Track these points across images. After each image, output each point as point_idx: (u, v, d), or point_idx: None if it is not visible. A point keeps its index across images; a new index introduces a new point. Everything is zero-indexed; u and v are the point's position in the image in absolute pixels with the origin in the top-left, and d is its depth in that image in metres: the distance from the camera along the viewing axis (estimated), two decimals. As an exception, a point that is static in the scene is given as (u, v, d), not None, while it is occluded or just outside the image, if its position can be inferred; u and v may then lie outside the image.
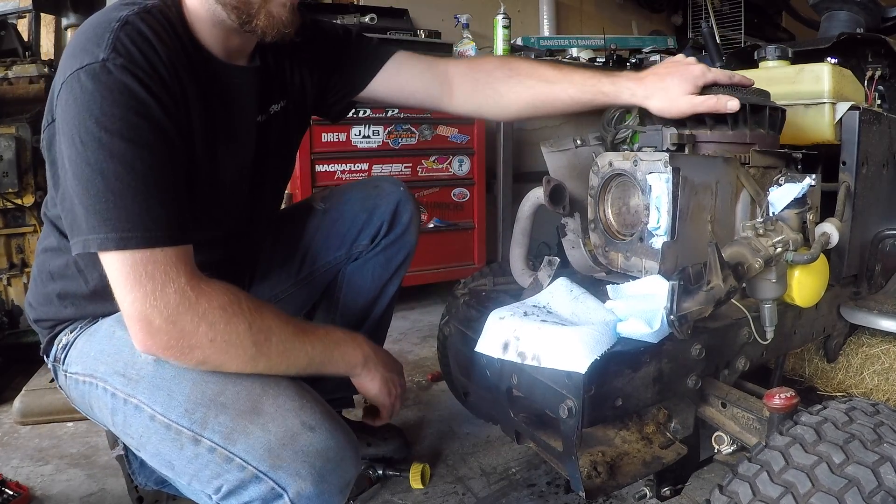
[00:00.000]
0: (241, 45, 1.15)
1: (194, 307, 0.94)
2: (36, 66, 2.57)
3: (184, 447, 0.98)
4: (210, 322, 0.94)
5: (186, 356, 0.96)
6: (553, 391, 1.08)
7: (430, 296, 3.38)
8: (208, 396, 0.99)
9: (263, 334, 0.99)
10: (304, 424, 0.97)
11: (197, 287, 0.95)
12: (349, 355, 1.16)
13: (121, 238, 0.91)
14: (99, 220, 0.91)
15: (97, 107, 0.91)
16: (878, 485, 0.81)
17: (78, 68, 0.92)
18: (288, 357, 1.03)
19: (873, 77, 1.72)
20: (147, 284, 0.92)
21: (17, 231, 2.41)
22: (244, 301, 0.99)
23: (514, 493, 1.62)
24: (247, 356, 0.98)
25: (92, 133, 0.91)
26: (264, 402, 0.98)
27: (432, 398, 2.21)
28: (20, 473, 1.73)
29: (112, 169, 0.91)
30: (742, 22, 4.47)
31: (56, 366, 1.20)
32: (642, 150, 1.29)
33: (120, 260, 0.92)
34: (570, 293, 1.22)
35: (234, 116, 1.16)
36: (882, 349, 1.73)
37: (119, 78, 0.92)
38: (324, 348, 1.11)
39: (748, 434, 1.16)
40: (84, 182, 0.92)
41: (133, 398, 1.03)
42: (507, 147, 3.27)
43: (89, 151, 0.91)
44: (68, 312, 1.19)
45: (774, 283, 1.18)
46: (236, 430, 0.96)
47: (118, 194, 0.91)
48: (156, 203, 0.94)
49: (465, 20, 3.48)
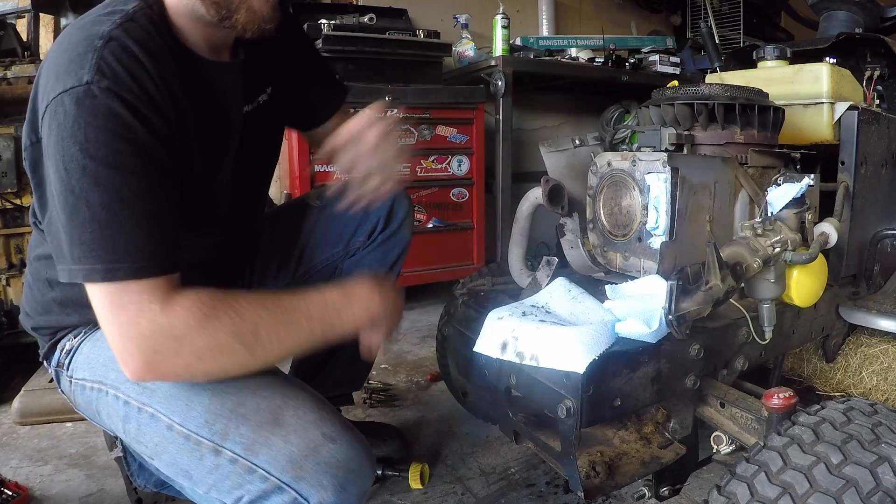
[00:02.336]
0: (222, 40, 1.13)
1: (169, 332, 0.92)
2: (35, 65, 2.56)
3: (203, 457, 0.97)
4: (190, 341, 0.93)
5: (183, 376, 0.97)
6: (551, 391, 1.08)
7: (429, 296, 3.38)
8: (228, 407, 0.99)
9: (250, 332, 0.97)
10: (325, 436, 0.97)
11: (170, 310, 0.92)
12: (349, 319, 1.10)
13: (107, 270, 0.89)
14: (84, 250, 0.89)
15: (81, 133, 0.88)
16: (876, 485, 0.81)
17: (61, 92, 0.89)
18: (284, 343, 1.01)
19: (872, 77, 1.73)
20: (122, 316, 0.91)
21: (16, 231, 2.40)
22: (220, 306, 0.96)
23: (513, 493, 1.62)
24: (242, 358, 0.97)
25: (76, 160, 0.88)
26: (285, 413, 0.99)
27: (431, 398, 2.21)
28: (19, 473, 1.73)
29: (97, 198, 0.88)
30: (741, 22, 4.47)
31: (59, 371, 1.19)
32: (641, 150, 1.29)
33: (102, 292, 0.91)
34: (569, 293, 1.22)
35: (224, 113, 1.15)
36: (881, 349, 1.73)
37: (104, 102, 0.89)
38: (321, 320, 1.06)
39: (747, 434, 1.16)
40: (69, 211, 0.89)
41: (148, 407, 1.02)
42: (505, 147, 3.27)
43: (73, 179, 0.88)
44: (71, 319, 1.17)
45: (773, 283, 1.18)
46: (258, 442, 0.96)
47: (103, 224, 0.89)
48: (143, 233, 0.92)
49: (464, 20, 3.49)
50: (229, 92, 1.16)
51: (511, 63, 3.23)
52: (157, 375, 0.95)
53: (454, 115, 3.08)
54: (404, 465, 1.66)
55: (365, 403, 2.14)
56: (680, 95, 1.33)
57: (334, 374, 1.65)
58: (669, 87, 1.40)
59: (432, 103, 3.00)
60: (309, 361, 1.66)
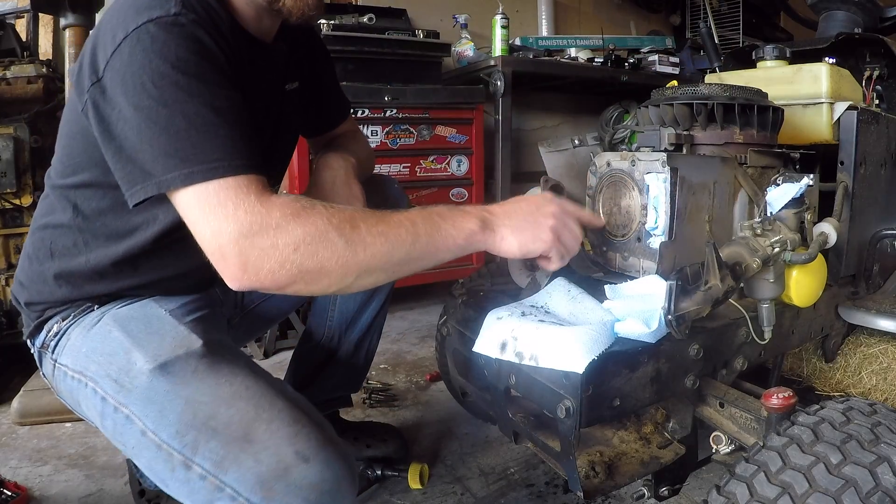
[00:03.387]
0: (270, 26, 1.20)
1: (266, 221, 0.90)
2: (34, 66, 2.56)
3: (175, 469, 0.96)
4: (286, 230, 0.91)
5: (280, 275, 0.91)
6: (551, 391, 1.08)
7: (429, 296, 3.38)
8: (200, 419, 0.96)
9: (347, 223, 0.94)
10: (297, 454, 0.93)
11: (267, 201, 0.92)
12: (459, 223, 1.04)
13: (208, 169, 0.90)
14: (180, 158, 0.91)
15: (172, 53, 0.92)
16: (876, 485, 0.81)
17: (146, 21, 0.93)
18: (388, 239, 0.96)
19: (871, 77, 1.73)
20: (219, 214, 0.90)
21: (15, 231, 2.40)
22: (317, 203, 0.95)
23: (513, 493, 1.62)
24: (340, 250, 0.93)
25: (168, 76, 0.91)
26: (258, 428, 0.95)
27: (431, 398, 2.21)
28: (18, 474, 1.73)
29: (192, 108, 0.92)
30: (740, 22, 4.47)
31: (43, 353, 1.18)
32: (640, 149, 1.29)
33: (199, 195, 0.91)
34: (568, 293, 1.22)
35: (264, 90, 1.20)
36: (880, 349, 1.73)
37: (192, 30, 0.95)
38: (426, 223, 1.01)
39: (746, 434, 1.16)
40: (161, 125, 0.91)
41: (124, 407, 1.01)
42: (505, 147, 3.27)
43: (167, 93, 0.91)
44: (62, 293, 1.16)
45: (772, 282, 1.18)
46: (227, 459, 0.93)
47: (200, 130, 0.92)
48: (238, 135, 0.95)
49: (464, 20, 3.49)
50: (270, 69, 1.23)
51: (510, 63, 3.23)
52: (253, 276, 0.91)
53: (453, 116, 3.08)
54: (403, 465, 1.66)
55: (364, 403, 2.14)
56: (679, 95, 1.33)
57: (333, 377, 1.65)
58: (669, 87, 1.40)
59: (432, 103, 2.99)
60: (306, 365, 1.66)
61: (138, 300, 1.18)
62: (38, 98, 2.47)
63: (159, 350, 1.03)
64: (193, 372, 1.01)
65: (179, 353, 1.03)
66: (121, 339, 1.06)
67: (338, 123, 1.56)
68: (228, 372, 1.02)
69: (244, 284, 0.92)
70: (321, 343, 1.62)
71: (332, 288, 0.97)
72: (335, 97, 1.54)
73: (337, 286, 0.97)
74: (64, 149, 1.14)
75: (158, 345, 1.04)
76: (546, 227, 1.10)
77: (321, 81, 1.47)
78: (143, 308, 1.15)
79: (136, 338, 1.06)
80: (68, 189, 1.14)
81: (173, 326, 1.09)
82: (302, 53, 1.37)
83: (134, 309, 1.15)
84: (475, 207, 1.09)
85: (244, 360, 1.08)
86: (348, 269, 0.94)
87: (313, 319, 1.64)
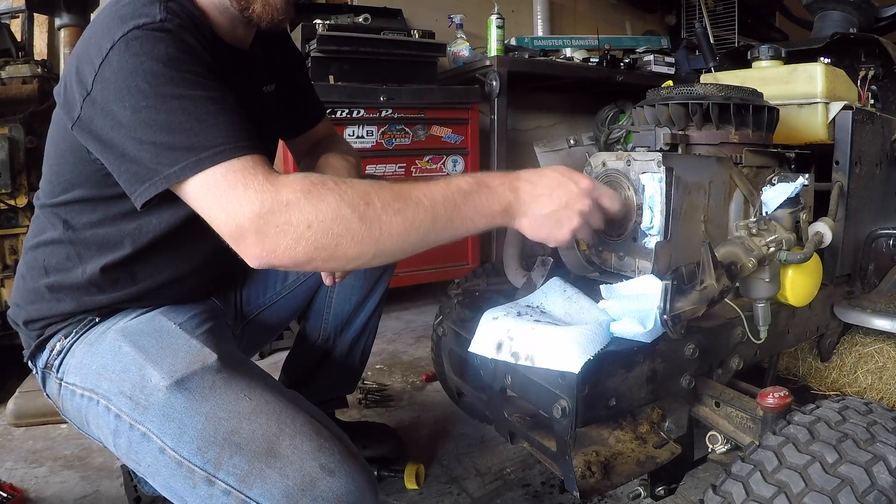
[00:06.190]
0: (244, 36, 1.22)
1: (278, 199, 0.90)
2: (29, 66, 2.56)
3: (197, 486, 0.95)
4: (299, 207, 0.90)
5: (298, 253, 0.91)
6: (547, 391, 1.08)
7: (424, 296, 3.37)
8: (222, 435, 0.96)
9: (361, 199, 0.92)
10: (322, 468, 0.94)
11: (276, 180, 0.92)
12: (482, 206, 1.02)
13: (214, 154, 0.91)
14: (183, 150, 0.91)
15: (162, 53, 0.94)
16: (871, 484, 0.81)
17: (133, 28, 0.94)
18: (406, 218, 0.94)
19: (866, 77, 1.73)
20: (231, 196, 0.90)
21: (10, 232, 2.39)
22: (329, 179, 0.95)
23: (509, 493, 1.62)
24: (355, 227, 0.91)
25: (162, 75, 0.93)
26: (281, 442, 0.96)
27: (426, 399, 2.21)
28: (14, 475, 1.73)
29: (190, 103, 0.93)
30: (736, 22, 4.48)
31: (47, 373, 1.16)
32: (636, 149, 1.29)
33: (208, 181, 0.91)
34: (564, 293, 1.22)
35: (244, 95, 1.19)
36: (875, 348, 1.73)
37: (179, 35, 0.97)
38: (447, 203, 0.98)
39: (742, 433, 1.16)
40: (160, 122, 0.92)
41: (140, 425, 0.99)
42: (500, 147, 3.26)
43: (163, 90, 0.92)
44: (63, 306, 1.15)
45: (768, 282, 1.18)
46: (252, 474, 0.93)
47: (201, 119, 0.93)
48: (237, 120, 0.96)
49: (459, 20, 3.49)
50: (251, 76, 1.26)
51: (506, 63, 3.24)
52: (272, 253, 0.91)
53: (449, 116, 3.08)
54: (400, 466, 1.66)
55: (360, 404, 2.14)
56: (675, 95, 1.33)
57: (328, 378, 1.65)
58: (664, 87, 1.40)
59: (427, 103, 2.99)
60: (301, 366, 1.66)
61: (143, 313, 1.17)
62: (34, 98, 2.46)
63: (174, 366, 1.02)
64: (211, 387, 1.01)
65: (195, 369, 1.02)
66: (133, 355, 1.05)
67: (316, 122, 1.56)
68: (246, 386, 1.02)
69: (263, 262, 0.92)
70: (316, 344, 1.62)
71: (351, 264, 0.96)
72: (311, 97, 1.56)
73: (356, 262, 0.96)
74: (52, 168, 1.13)
75: (173, 360, 1.04)
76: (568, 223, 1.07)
77: (296, 82, 1.49)
78: (152, 322, 1.14)
79: (148, 353, 1.05)
80: (58, 206, 1.14)
81: (185, 340, 1.09)
82: (276, 56, 1.39)
83: (142, 323, 1.14)
84: (505, 180, 1.05)
85: (258, 373, 1.09)
86: (364, 247, 0.93)
87: (309, 321, 1.64)
